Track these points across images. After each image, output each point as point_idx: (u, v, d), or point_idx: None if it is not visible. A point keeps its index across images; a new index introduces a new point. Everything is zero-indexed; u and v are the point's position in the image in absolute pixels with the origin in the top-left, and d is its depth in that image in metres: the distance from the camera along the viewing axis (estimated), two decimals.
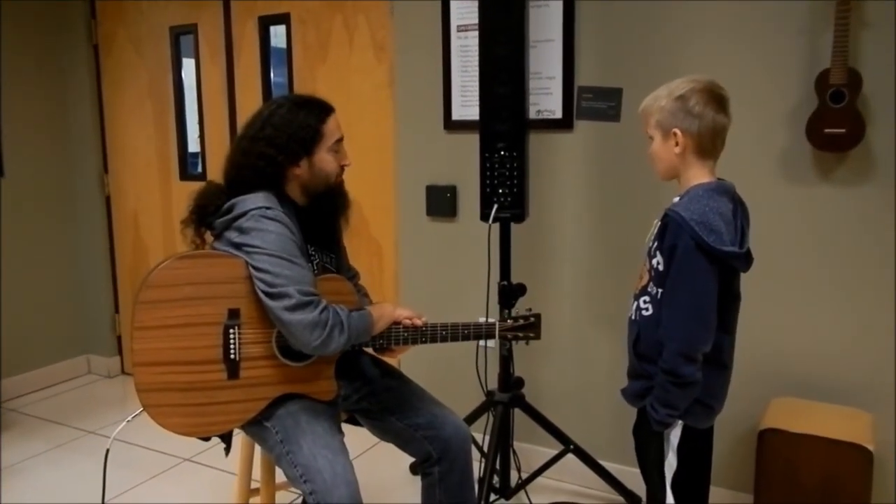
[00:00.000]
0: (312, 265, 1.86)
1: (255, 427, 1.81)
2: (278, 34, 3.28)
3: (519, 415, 2.54)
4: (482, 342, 2.46)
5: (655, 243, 1.63)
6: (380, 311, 1.86)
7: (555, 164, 2.63)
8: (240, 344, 1.75)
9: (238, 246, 1.72)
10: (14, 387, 3.71)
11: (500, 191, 2.34)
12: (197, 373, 1.72)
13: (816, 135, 2.15)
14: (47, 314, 3.87)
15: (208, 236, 1.84)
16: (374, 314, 1.82)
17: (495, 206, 2.35)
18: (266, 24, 3.29)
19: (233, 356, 1.74)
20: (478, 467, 2.16)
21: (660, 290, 1.60)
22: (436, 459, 1.93)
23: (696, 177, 1.61)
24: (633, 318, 1.69)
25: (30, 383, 3.79)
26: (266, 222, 1.70)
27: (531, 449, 2.74)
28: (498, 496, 2.52)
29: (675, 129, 1.59)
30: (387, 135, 3.01)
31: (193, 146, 3.68)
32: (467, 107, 2.74)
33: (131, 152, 3.83)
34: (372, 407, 1.97)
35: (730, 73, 2.20)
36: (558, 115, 2.59)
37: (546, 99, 2.61)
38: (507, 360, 2.48)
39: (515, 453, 2.58)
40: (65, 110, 3.89)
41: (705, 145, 1.59)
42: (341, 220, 2.00)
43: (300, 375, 1.80)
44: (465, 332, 1.92)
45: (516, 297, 2.40)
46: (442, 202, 2.86)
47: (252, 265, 1.69)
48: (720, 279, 1.54)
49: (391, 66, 2.96)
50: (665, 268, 1.58)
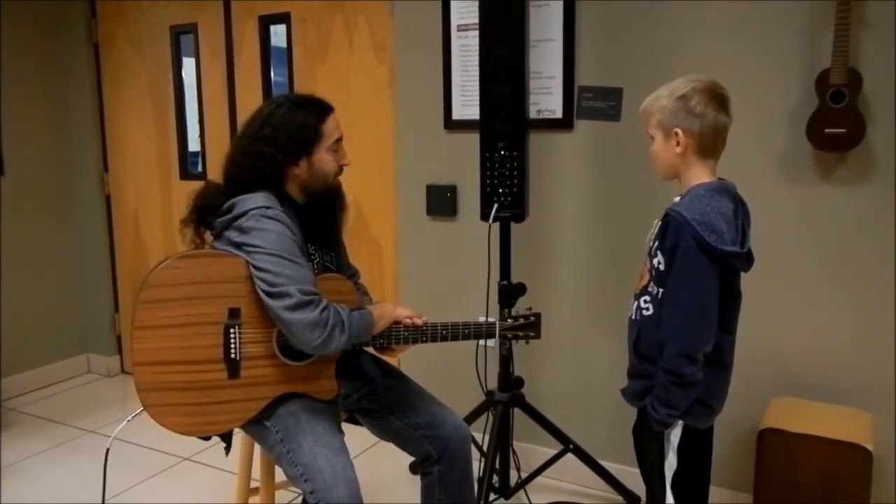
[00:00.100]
0: (313, 264, 1.86)
1: (256, 426, 1.81)
2: (278, 33, 3.28)
3: (519, 414, 2.54)
4: (482, 342, 2.47)
5: (656, 243, 1.63)
6: (380, 310, 1.86)
7: (555, 164, 2.63)
8: (240, 343, 1.75)
9: (238, 245, 1.72)
10: (14, 386, 3.71)
11: (501, 190, 2.34)
12: (197, 372, 1.72)
13: (817, 135, 2.15)
14: (47, 313, 3.87)
15: (208, 236, 1.84)
16: (374, 313, 1.82)
17: (495, 206, 2.35)
18: (266, 23, 3.29)
19: (233, 355, 1.74)
20: (477, 467, 2.16)
21: (661, 290, 1.60)
22: (435, 459, 1.93)
23: (697, 176, 1.61)
24: (633, 317, 1.69)
25: (30, 382, 3.79)
26: (266, 222, 1.70)
27: (531, 448, 2.75)
28: (497, 496, 2.52)
29: (677, 129, 1.59)
30: (387, 134, 3.01)
31: (194, 145, 3.68)
32: (467, 106, 2.74)
33: (131, 152, 3.83)
34: (372, 406, 1.97)
35: (730, 73, 2.20)
36: (558, 114, 2.59)
37: (546, 99, 2.61)
38: (506, 359, 2.48)
39: (515, 453, 2.58)
40: (65, 110, 3.89)
41: (706, 145, 1.59)
42: (341, 218, 2.00)
43: (300, 375, 1.80)
44: (466, 331, 1.92)
45: (516, 296, 2.40)
46: (442, 202, 2.86)
47: (252, 264, 1.69)
48: (721, 279, 1.54)
49: (391, 65, 2.96)
50: (666, 267, 1.58)
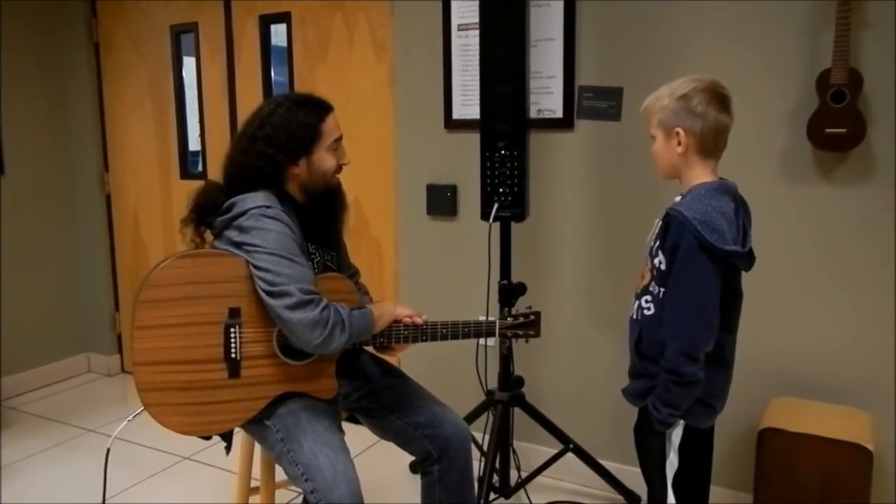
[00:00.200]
0: (313, 263, 1.86)
1: (256, 426, 1.81)
2: (279, 33, 3.28)
3: (519, 414, 2.54)
4: (482, 341, 2.47)
5: (657, 242, 1.62)
6: (380, 309, 1.86)
7: (555, 164, 2.63)
8: (240, 343, 1.75)
9: (238, 245, 1.72)
10: (14, 385, 3.71)
11: (501, 190, 2.34)
12: (197, 372, 1.72)
13: (817, 134, 2.15)
14: (47, 312, 3.87)
15: (208, 235, 1.84)
16: (374, 312, 1.82)
17: (496, 206, 2.35)
18: (266, 22, 3.29)
19: (233, 355, 1.74)
20: (477, 466, 2.16)
21: (662, 290, 1.60)
22: (436, 458, 1.93)
23: (698, 176, 1.61)
24: (634, 317, 1.69)
25: (30, 381, 3.79)
26: (266, 221, 1.70)
27: (531, 448, 2.75)
28: (497, 495, 2.52)
29: (678, 129, 1.59)
30: (387, 134, 3.01)
31: (194, 145, 3.68)
32: (468, 106, 2.74)
33: (132, 151, 3.83)
34: (372, 405, 1.97)
35: (731, 73, 2.20)
36: (559, 114, 2.59)
37: (547, 98, 2.61)
38: (507, 359, 2.48)
39: (515, 452, 2.58)
40: (65, 109, 3.89)
41: (708, 145, 1.59)
42: (341, 217, 2.00)
43: (301, 374, 1.80)
44: (466, 330, 1.92)
45: (516, 296, 2.40)
46: (442, 201, 2.86)
47: (253, 264, 1.69)
48: (722, 278, 1.54)
49: (391, 65, 2.95)
50: (667, 267, 1.57)
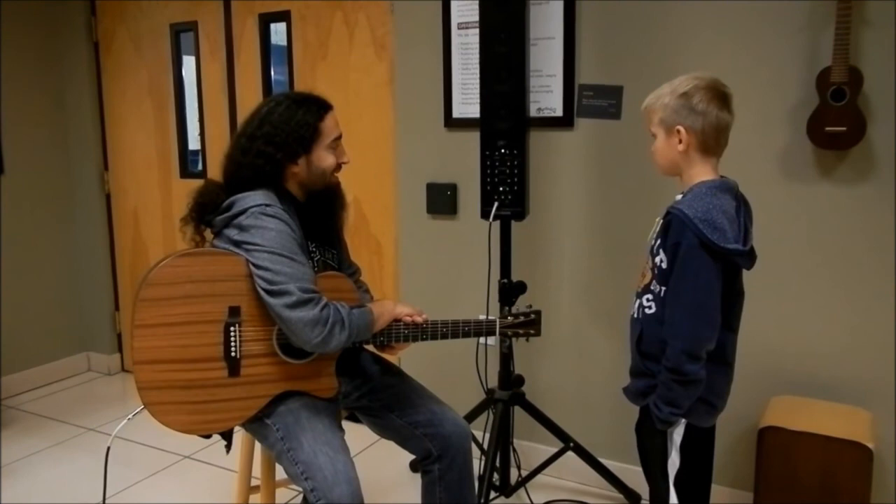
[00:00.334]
0: (313, 262, 1.86)
1: (256, 424, 1.81)
2: (278, 31, 3.28)
3: (519, 412, 2.54)
4: (482, 340, 2.47)
5: (658, 241, 1.62)
6: (380, 308, 1.86)
7: (555, 162, 2.63)
8: (240, 341, 1.75)
9: (238, 243, 1.72)
10: (14, 384, 3.71)
11: (501, 189, 2.34)
12: (198, 370, 1.72)
13: (817, 133, 2.15)
14: (47, 311, 3.87)
15: (208, 234, 1.84)
16: (374, 311, 1.82)
17: (496, 204, 2.35)
18: (266, 21, 3.29)
19: (233, 354, 1.74)
20: (478, 465, 2.16)
21: (663, 288, 1.60)
22: (436, 457, 1.93)
23: (699, 174, 1.61)
24: (635, 316, 1.69)
25: (30, 380, 3.79)
26: (266, 219, 1.70)
27: (531, 447, 2.75)
28: (498, 494, 2.52)
29: (679, 127, 1.58)
30: (387, 132, 3.01)
31: (194, 144, 3.67)
32: (468, 104, 2.74)
33: (131, 150, 3.83)
34: (372, 404, 1.97)
35: (730, 71, 2.20)
36: (559, 112, 2.59)
37: (547, 97, 2.60)
38: (507, 357, 2.48)
39: (515, 451, 2.58)
40: (65, 108, 3.89)
41: (709, 142, 1.59)
42: (341, 215, 2.00)
43: (301, 373, 1.80)
44: (466, 328, 1.92)
45: (516, 295, 2.40)
46: (442, 200, 2.85)
47: (252, 263, 1.69)
48: (724, 277, 1.54)
49: (391, 63, 2.95)
50: (668, 266, 1.57)
